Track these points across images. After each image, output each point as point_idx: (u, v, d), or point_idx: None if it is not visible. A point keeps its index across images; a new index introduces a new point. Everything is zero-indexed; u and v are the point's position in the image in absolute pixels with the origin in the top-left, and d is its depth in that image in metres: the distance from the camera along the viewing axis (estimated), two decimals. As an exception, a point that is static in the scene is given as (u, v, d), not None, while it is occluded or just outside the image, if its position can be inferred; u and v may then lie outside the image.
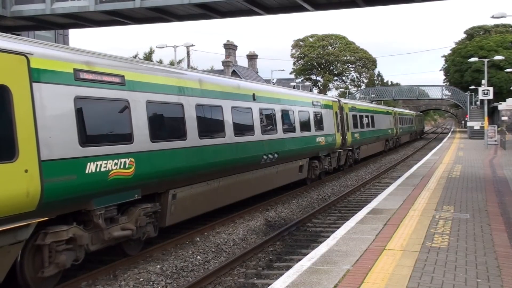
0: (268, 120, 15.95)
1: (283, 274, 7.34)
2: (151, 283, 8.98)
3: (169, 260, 10.30)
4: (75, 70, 8.38)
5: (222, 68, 58.40)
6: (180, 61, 53.20)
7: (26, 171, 7.17)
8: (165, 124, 10.79)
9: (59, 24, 23.65)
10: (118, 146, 9.09)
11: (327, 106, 22.45)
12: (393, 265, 7.35)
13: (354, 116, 27.46)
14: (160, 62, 51.89)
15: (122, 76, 9.46)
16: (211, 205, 12.87)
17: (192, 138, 11.39)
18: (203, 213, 12.69)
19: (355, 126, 27.36)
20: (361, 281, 6.66)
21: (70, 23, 23.39)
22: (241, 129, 13.95)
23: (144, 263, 10.04)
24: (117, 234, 9.27)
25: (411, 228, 9.77)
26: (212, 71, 59.57)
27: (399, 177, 19.50)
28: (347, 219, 11.54)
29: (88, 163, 8.35)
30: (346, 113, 25.74)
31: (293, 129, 17.81)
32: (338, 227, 10.74)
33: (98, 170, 8.52)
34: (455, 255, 7.88)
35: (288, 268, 8.43)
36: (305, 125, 19.06)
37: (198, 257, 10.62)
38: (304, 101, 19.69)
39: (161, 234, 11.45)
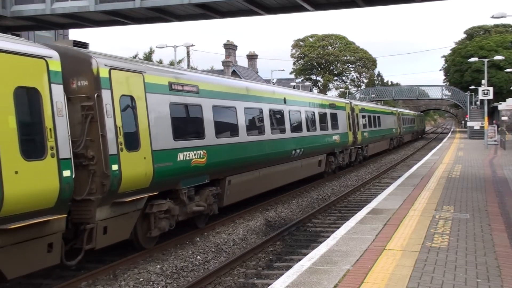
0: (296, 120, 18.51)
1: (283, 274, 7.34)
2: (151, 283, 8.98)
3: (169, 260, 10.30)
4: (170, 82, 11.11)
5: (222, 68, 58.31)
6: (180, 61, 53.16)
7: (144, 158, 9.85)
8: (224, 123, 13.35)
9: (59, 24, 23.60)
10: (196, 141, 11.78)
11: (341, 108, 24.92)
12: (393, 265, 7.35)
13: (363, 117, 29.76)
14: (160, 62, 51.85)
15: (197, 86, 12.17)
16: (254, 191, 15.40)
17: (242, 135, 14.09)
18: (247, 197, 15.10)
19: (364, 126, 29.65)
20: (361, 281, 6.66)
21: (70, 23, 23.34)
22: (276, 128, 16.55)
23: (144, 263, 10.04)
24: (195, 209, 11.83)
25: (411, 228, 9.77)
26: (212, 71, 59.51)
27: (399, 177, 19.49)
28: (347, 219, 11.54)
29: (179, 153, 11.00)
30: (357, 114, 28.02)
31: (314, 128, 20.40)
32: (338, 227, 10.74)
33: (184, 158, 11.19)
34: (455, 255, 7.88)
35: (288, 268, 8.43)
36: (324, 125, 21.66)
37: (198, 257, 10.62)
38: (323, 103, 22.35)
39: (162, 234, 11.47)
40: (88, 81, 9.02)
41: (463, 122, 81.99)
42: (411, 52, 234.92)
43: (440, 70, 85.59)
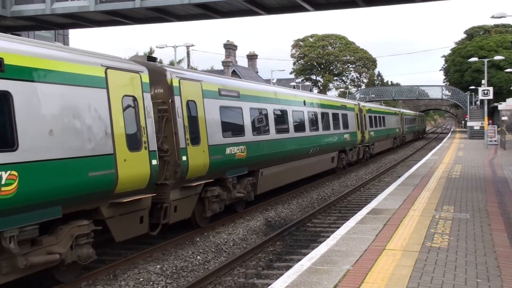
0: (313, 120, 20.54)
1: (283, 274, 7.33)
2: (151, 283, 8.98)
3: (169, 260, 10.30)
4: (219, 89, 13.24)
5: (222, 68, 58.29)
6: (180, 61, 53.12)
7: (203, 151, 11.98)
8: (259, 123, 15.37)
9: (59, 24, 23.59)
10: (239, 138, 13.89)
11: (350, 109, 27.02)
12: (393, 265, 7.35)
13: (370, 117, 31.85)
14: (160, 62, 51.77)
15: (238, 91, 14.35)
16: (279, 183, 17.34)
17: (272, 133, 16.15)
18: (274, 188, 16.97)
19: (371, 126, 31.73)
20: (361, 281, 6.66)
21: (70, 23, 23.34)
22: (298, 127, 18.48)
23: (144, 263, 10.04)
24: (238, 195, 13.87)
25: (411, 228, 9.77)
26: (212, 71, 59.49)
27: (399, 177, 19.49)
28: (347, 219, 11.54)
29: (226, 148, 13.07)
30: (364, 114, 30.15)
31: (329, 127, 22.45)
32: (338, 227, 10.74)
33: (230, 152, 13.27)
34: (455, 255, 7.88)
35: (288, 268, 8.43)
36: (336, 124, 23.69)
37: (198, 257, 10.62)
38: (335, 105, 24.44)
39: (161, 234, 11.46)
40: (164, 89, 11.16)
41: (463, 122, 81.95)
42: (411, 52, 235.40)
43: (440, 70, 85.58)
